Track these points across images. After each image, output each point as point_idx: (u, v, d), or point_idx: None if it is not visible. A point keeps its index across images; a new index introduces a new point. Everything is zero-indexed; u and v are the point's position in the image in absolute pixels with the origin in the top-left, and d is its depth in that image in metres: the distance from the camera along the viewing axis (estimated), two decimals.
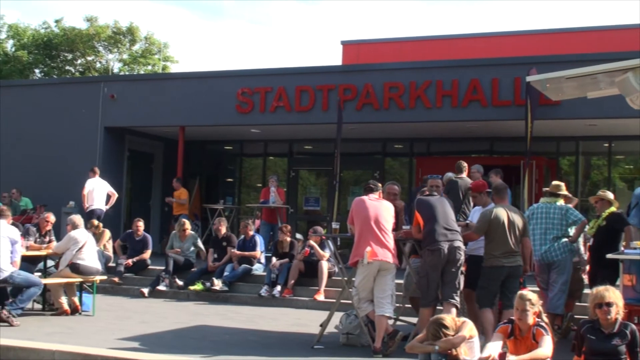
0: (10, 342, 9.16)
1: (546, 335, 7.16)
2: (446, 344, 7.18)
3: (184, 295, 14.69)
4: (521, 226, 9.43)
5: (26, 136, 21.24)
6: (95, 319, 11.65)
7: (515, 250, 9.30)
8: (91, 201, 17.64)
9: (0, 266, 10.61)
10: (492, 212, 9.38)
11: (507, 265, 9.21)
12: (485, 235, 9.38)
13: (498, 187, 9.87)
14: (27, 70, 43.22)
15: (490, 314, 9.03)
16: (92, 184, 17.82)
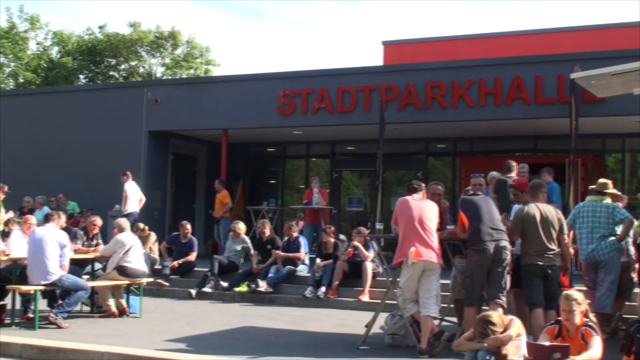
0: (60, 344, 9.29)
1: (595, 335, 7.07)
2: (494, 342, 7.13)
3: (229, 297, 14.78)
4: (557, 224, 9.27)
5: (72, 141, 21.54)
6: (142, 321, 11.77)
7: (551, 249, 9.13)
8: (129, 204, 17.85)
9: (49, 270, 10.77)
10: (524, 210, 9.30)
11: (541, 264, 9.07)
12: (520, 234, 9.30)
13: (532, 185, 9.78)
14: (72, 76, 43.80)
15: (538, 314, 8.92)
16: (131, 187, 18.03)
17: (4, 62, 45.65)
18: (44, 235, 10.91)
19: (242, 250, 15.97)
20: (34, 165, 21.91)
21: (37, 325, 10.62)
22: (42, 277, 10.74)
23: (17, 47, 45.00)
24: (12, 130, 22.62)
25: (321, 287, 14.20)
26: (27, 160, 22.05)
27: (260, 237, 15.85)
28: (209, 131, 20.76)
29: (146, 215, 19.37)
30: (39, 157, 21.94)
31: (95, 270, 13.01)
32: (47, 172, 21.61)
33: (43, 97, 23.73)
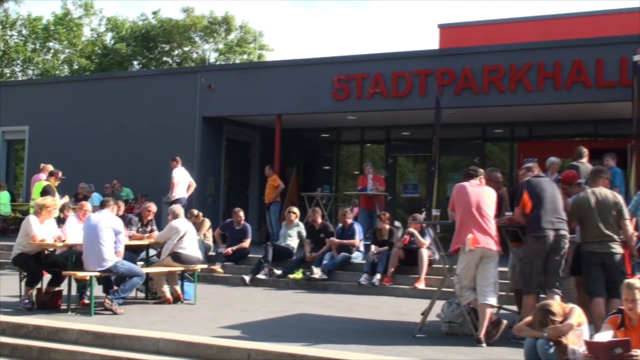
0: (116, 330, 9.44)
1: None
2: (554, 331, 7.04)
3: (284, 284, 14.84)
4: (615, 209, 9.06)
5: (126, 128, 21.81)
6: (196, 308, 11.89)
7: (609, 235, 8.92)
8: (176, 190, 17.99)
9: (104, 256, 10.93)
10: (580, 196, 9.15)
11: (598, 251, 8.89)
12: (577, 220, 9.15)
13: (593, 171, 9.61)
14: (126, 62, 44.33)
15: (598, 303, 8.77)
16: (180, 173, 18.15)
17: (59, 48, 46.39)
18: (99, 221, 11.06)
19: (296, 237, 16.00)
20: (89, 152, 22.24)
21: (92, 311, 10.78)
22: (97, 264, 10.90)
23: (72, 34, 45.68)
24: (67, 117, 22.99)
25: (376, 274, 14.17)
26: (82, 147, 22.39)
27: (312, 225, 15.86)
28: (262, 117, 20.84)
29: (200, 201, 19.54)
30: (93, 143, 22.26)
31: (150, 257, 13.16)
32: (102, 158, 21.92)
33: (97, 83, 24.08)
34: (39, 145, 23.27)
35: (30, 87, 25.82)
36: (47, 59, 46.08)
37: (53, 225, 11.90)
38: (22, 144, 24.42)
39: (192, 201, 18.53)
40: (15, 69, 46.15)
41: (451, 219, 9.57)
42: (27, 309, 11.11)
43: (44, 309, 11.19)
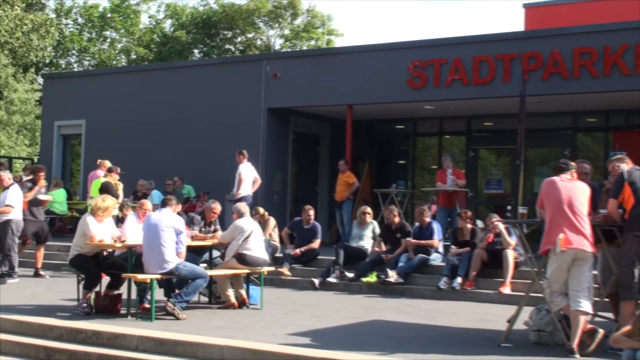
0: (178, 336, 9.54)
1: None
2: None
3: (356, 288, 14.84)
4: None
5: (186, 120, 22.08)
6: (263, 313, 11.95)
7: None
8: (242, 188, 18.10)
9: (165, 257, 11.05)
10: None
11: None
12: None
13: None
14: (186, 51, 44.85)
15: None
16: (246, 168, 18.26)
17: (116, 37, 47.20)
18: (160, 221, 11.19)
19: (370, 237, 15.97)
20: (149, 146, 22.58)
21: (153, 316, 10.93)
22: (158, 266, 11.04)
23: (129, 22, 46.44)
24: (125, 110, 23.39)
25: (457, 278, 14.07)
26: (141, 141, 22.75)
27: (388, 224, 15.80)
28: (332, 107, 20.86)
29: (265, 199, 19.67)
30: (153, 138, 22.59)
31: (214, 258, 13.27)
32: (162, 153, 22.23)
33: (156, 73, 24.44)
34: (96, 140, 23.72)
35: (86, 79, 26.37)
36: (103, 48, 46.92)
37: (112, 224, 12.11)
38: (79, 138, 24.92)
39: (257, 199, 18.65)
40: (71, 60, 47.12)
41: (540, 218, 9.42)
42: (85, 313, 11.32)
43: (102, 313, 11.39)
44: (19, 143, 39.41)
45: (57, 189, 21.53)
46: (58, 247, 18.34)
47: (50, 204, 21.52)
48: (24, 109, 40.04)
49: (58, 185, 21.77)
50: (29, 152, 39.44)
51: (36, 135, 39.13)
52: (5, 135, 38.74)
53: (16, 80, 40.30)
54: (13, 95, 39.95)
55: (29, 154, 38.63)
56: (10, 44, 32.70)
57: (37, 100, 39.96)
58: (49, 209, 21.67)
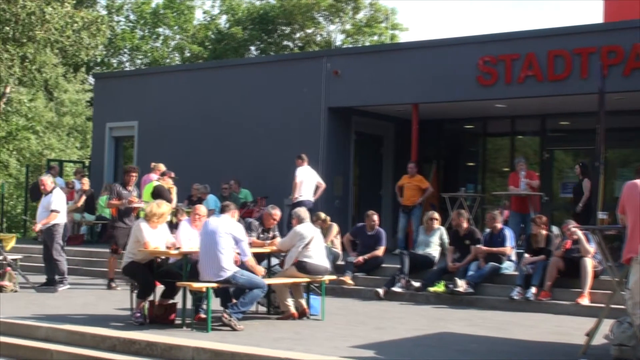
0: (235, 348, 9.61)
1: None
2: None
3: (422, 298, 14.79)
4: None
5: (243, 121, 22.23)
6: (324, 324, 11.98)
7: None
8: (300, 191, 18.16)
9: (222, 264, 11.13)
10: None
11: None
12: None
13: None
14: (242, 48, 45.17)
15: None
16: (303, 172, 18.32)
17: (169, 34, 47.70)
18: (218, 227, 11.28)
19: (437, 244, 15.91)
20: (204, 149, 22.79)
21: (209, 326, 11.01)
22: (214, 273, 11.12)
23: (182, 18, 46.93)
24: (179, 110, 23.64)
25: (531, 288, 13.94)
26: (196, 143, 22.96)
27: (456, 230, 15.73)
28: (396, 106, 20.83)
29: (326, 203, 19.70)
30: (207, 139, 22.80)
31: (272, 267, 13.33)
32: (218, 156, 22.41)
33: (211, 72, 24.61)
34: (149, 142, 24.02)
35: (138, 78, 26.73)
36: (156, 46, 47.49)
37: (166, 231, 12.24)
38: (131, 140, 25.26)
39: (318, 203, 18.69)
40: (123, 59, 47.79)
41: (621, 223, 9.29)
42: (139, 323, 11.47)
43: (156, 323, 11.52)
44: (70, 146, 40.04)
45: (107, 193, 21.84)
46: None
47: (101, 209, 21.89)
48: (75, 110, 40.70)
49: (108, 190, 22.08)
50: (80, 155, 40.07)
51: (87, 138, 39.74)
52: (55, 137, 39.40)
53: (66, 81, 41.00)
54: (63, 96, 40.65)
55: (80, 157, 39.24)
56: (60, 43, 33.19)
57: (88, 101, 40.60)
58: (100, 215, 22.06)
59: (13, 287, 15.36)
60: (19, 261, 16.49)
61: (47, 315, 12.12)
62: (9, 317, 11.92)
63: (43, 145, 38.54)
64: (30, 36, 32.11)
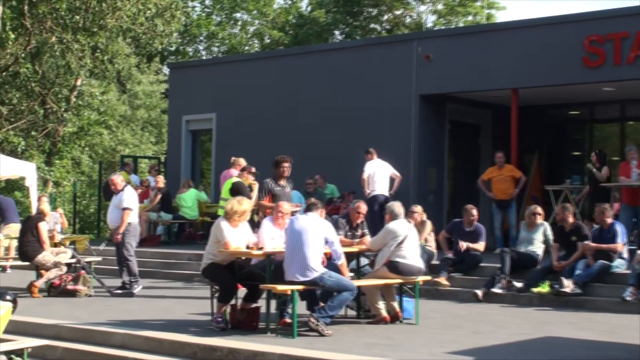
0: (323, 354, 9.69)
1: None
2: None
3: (525, 300, 14.67)
4: None
5: (327, 110, 22.28)
6: (419, 328, 11.98)
7: None
8: (372, 186, 18.13)
9: (309, 264, 11.18)
10: None
11: None
12: None
13: None
14: (325, 32, 45.23)
15: None
16: (372, 166, 18.32)
17: (247, 20, 48.05)
18: (306, 226, 11.36)
19: (540, 241, 15.76)
20: (285, 141, 22.85)
21: (295, 332, 11.10)
22: (300, 273, 11.17)
23: (262, 2, 47.18)
24: (258, 100, 23.79)
25: None
26: (278, 135, 23.07)
27: (561, 226, 15.55)
28: (494, 92, 20.67)
29: (419, 198, 19.64)
30: (290, 131, 22.89)
31: (361, 267, 13.34)
32: (302, 148, 22.47)
33: (293, 59, 24.76)
34: (229, 136, 24.24)
35: (216, 67, 26.98)
36: (234, 33, 47.88)
37: (248, 230, 12.33)
38: (209, 134, 25.51)
39: (409, 198, 18.63)
40: (199, 47, 48.32)
41: None
42: (220, 329, 11.61)
43: (239, 329, 11.67)
44: (144, 141, 40.66)
45: (186, 191, 22.11)
46: (189, 255, 18.85)
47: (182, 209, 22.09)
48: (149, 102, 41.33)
49: (186, 187, 22.34)
50: (155, 150, 40.66)
51: (162, 132, 40.32)
52: (129, 132, 40.05)
53: (140, 72, 41.63)
54: (137, 87, 41.31)
55: (155, 153, 39.83)
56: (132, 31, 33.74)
57: (163, 93, 41.17)
58: (178, 214, 22.33)
59: (87, 291, 15.71)
60: (93, 264, 16.85)
61: (123, 321, 12.36)
62: (84, 323, 12.22)
63: (116, 141, 39.19)
64: (101, 25, 32.72)
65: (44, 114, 35.13)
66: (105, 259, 18.33)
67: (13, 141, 32.71)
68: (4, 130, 33.05)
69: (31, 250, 15.74)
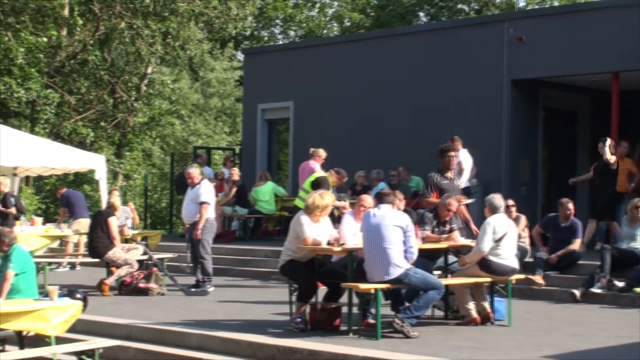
0: (409, 357, 9.74)
1: None
2: None
3: (627, 300, 14.48)
4: None
5: (411, 98, 22.22)
6: (511, 330, 11.92)
7: None
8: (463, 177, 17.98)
9: (392, 260, 11.17)
10: None
11: None
12: None
13: None
14: (409, 14, 45.09)
15: None
16: (466, 156, 18.15)
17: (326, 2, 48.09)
18: (382, 218, 11.35)
19: None
20: (366, 130, 22.89)
21: (379, 333, 11.12)
22: (383, 271, 11.18)
23: None
24: (338, 87, 23.83)
25: None
26: (357, 124, 23.09)
27: None
28: (592, 76, 20.42)
29: (511, 191, 19.48)
30: (371, 120, 22.89)
31: (450, 264, 13.29)
32: (382, 138, 22.48)
33: (375, 43, 24.72)
34: (307, 125, 24.31)
35: (293, 53, 27.03)
36: (311, 15, 47.97)
37: (329, 225, 12.35)
38: (286, 123, 25.62)
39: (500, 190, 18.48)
40: (274, 31, 48.50)
41: None
42: (300, 329, 11.68)
43: (319, 329, 11.73)
44: (218, 131, 40.96)
45: (263, 184, 22.18)
46: (265, 252, 18.94)
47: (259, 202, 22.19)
48: (223, 90, 41.60)
49: (263, 179, 22.40)
50: (229, 141, 40.92)
51: (237, 122, 40.56)
52: (202, 122, 40.39)
53: (213, 58, 41.91)
54: (210, 75, 41.62)
55: (229, 144, 40.08)
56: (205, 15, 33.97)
57: (237, 80, 41.41)
58: (254, 209, 22.43)
59: (160, 290, 15.91)
60: (166, 261, 17.05)
61: (198, 321, 12.52)
62: (157, 323, 12.40)
63: (188, 131, 39.56)
64: (172, 9, 33.05)
65: (113, 103, 35.55)
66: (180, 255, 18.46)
67: (82, 132, 33.16)
68: (72, 121, 33.53)
69: (101, 246, 15.99)
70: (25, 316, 10.09)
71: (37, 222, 18.70)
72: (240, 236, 22.84)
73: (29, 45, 31.11)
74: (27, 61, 31.00)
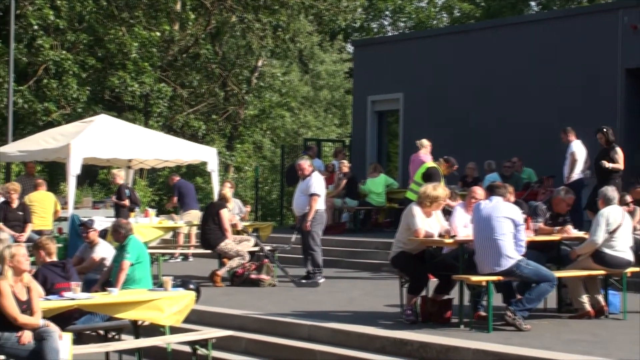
0: (522, 350, 9.64)
1: None
2: None
3: None
4: None
5: (524, 89, 22.00)
6: (627, 324, 11.73)
7: None
8: (577, 169, 17.63)
9: (503, 252, 11.06)
10: None
11: None
12: None
13: None
14: (520, 3, 44.54)
15: None
16: (580, 147, 17.78)
17: None
18: (493, 210, 11.26)
19: None
20: (477, 122, 22.74)
21: (490, 326, 11.05)
22: (494, 262, 11.09)
23: None
24: (448, 78, 23.71)
25: None
26: (468, 116, 22.95)
27: None
28: None
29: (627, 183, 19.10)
30: (482, 111, 22.73)
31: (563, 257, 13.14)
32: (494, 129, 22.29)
33: (485, 33, 24.57)
34: (417, 116, 24.23)
35: (402, 44, 27.01)
36: (421, 6, 47.76)
37: (440, 217, 12.30)
38: (396, 115, 25.57)
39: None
40: (384, 23, 48.43)
41: None
42: (410, 321, 11.66)
43: (430, 322, 11.69)
44: (328, 123, 41.08)
45: (375, 175, 22.14)
46: (376, 244, 18.90)
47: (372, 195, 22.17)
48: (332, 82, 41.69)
49: (376, 171, 22.36)
50: (339, 133, 41.00)
51: (346, 114, 40.62)
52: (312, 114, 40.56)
53: (322, 50, 42.04)
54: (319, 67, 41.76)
55: (339, 136, 40.15)
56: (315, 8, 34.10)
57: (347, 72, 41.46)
58: (364, 200, 22.43)
59: (271, 281, 16.02)
60: (277, 252, 17.17)
61: (308, 312, 12.59)
62: (269, 314, 12.51)
63: (298, 124, 39.77)
64: (282, 2, 33.26)
65: (224, 96, 35.94)
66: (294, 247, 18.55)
67: (194, 125, 33.63)
68: (184, 114, 34.03)
69: (213, 238, 16.17)
70: (140, 306, 10.28)
71: (151, 214, 19.00)
72: (350, 228, 22.84)
73: (143, 40, 31.67)
74: (141, 55, 31.56)
